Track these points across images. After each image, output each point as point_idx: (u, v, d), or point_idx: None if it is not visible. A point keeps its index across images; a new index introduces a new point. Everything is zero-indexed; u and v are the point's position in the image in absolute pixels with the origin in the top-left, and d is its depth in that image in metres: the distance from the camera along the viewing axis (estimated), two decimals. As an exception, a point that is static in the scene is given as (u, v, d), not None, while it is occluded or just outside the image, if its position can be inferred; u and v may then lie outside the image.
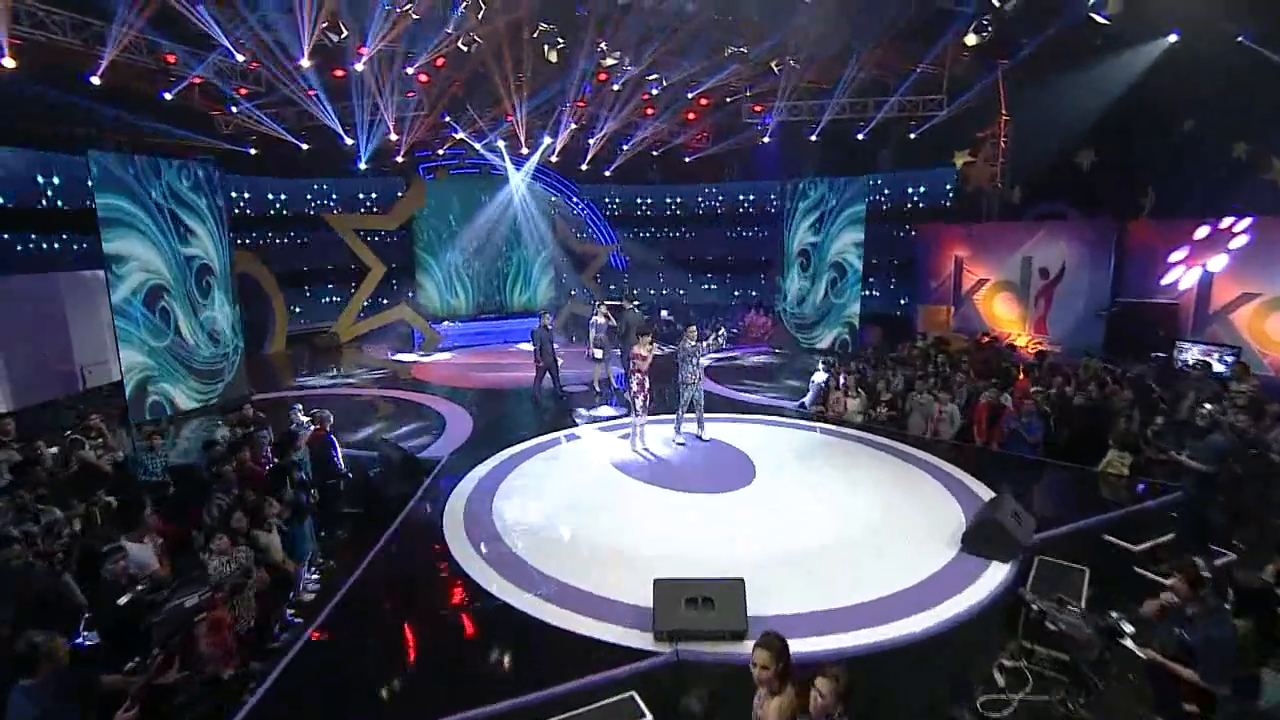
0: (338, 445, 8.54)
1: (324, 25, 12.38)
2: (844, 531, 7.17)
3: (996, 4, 10.50)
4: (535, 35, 12.57)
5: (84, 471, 8.19)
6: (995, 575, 6.21)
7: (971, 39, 12.25)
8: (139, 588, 5.37)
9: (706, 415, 10.24)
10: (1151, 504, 7.67)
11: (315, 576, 7.09)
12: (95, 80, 11.17)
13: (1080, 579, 5.97)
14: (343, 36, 12.62)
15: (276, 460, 7.75)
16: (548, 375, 12.34)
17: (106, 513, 7.06)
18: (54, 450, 8.33)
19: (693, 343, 9.79)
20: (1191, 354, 11.92)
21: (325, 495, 8.27)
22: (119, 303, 10.88)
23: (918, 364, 12.55)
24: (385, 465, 9.38)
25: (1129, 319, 13.51)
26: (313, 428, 8.74)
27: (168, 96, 12.43)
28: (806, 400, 11.98)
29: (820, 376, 12.02)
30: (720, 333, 10.47)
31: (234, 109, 14.02)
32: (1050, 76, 14.39)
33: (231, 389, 12.91)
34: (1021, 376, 10.90)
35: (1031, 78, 14.89)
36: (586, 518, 7.60)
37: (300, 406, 9.48)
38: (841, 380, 11.34)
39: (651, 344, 9.87)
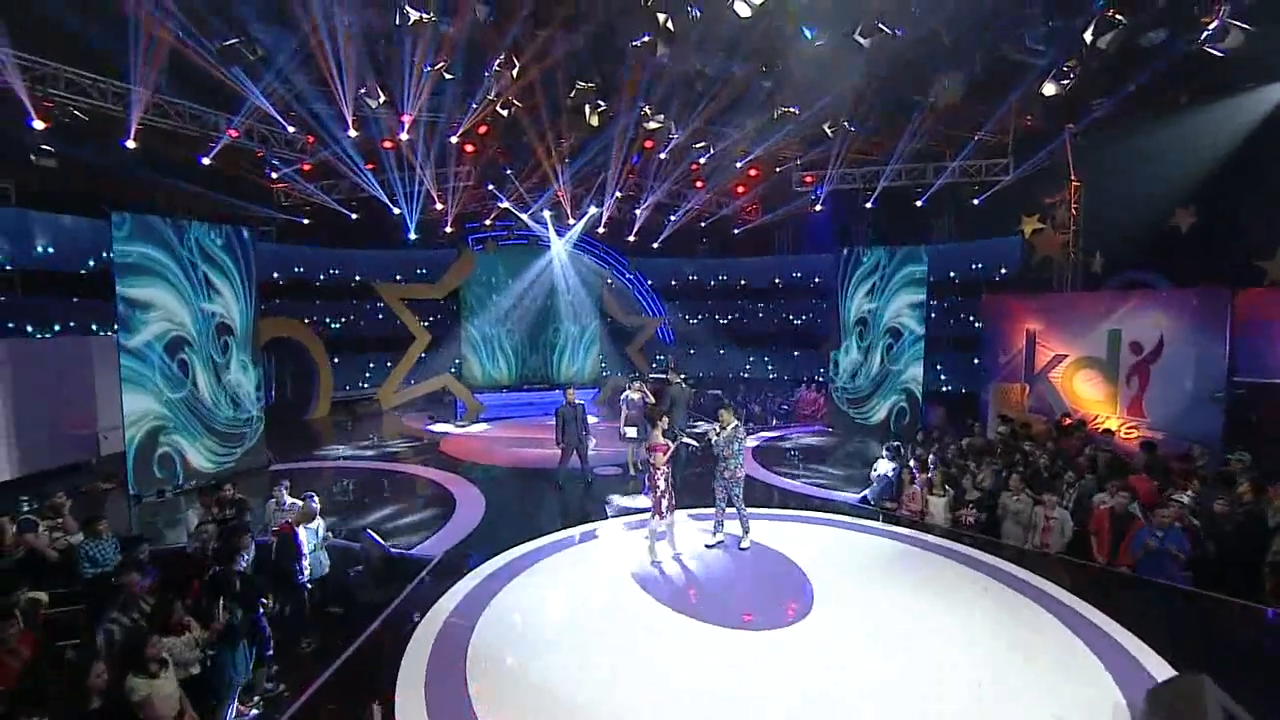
0: (305, 546, 6.47)
1: (361, 90, 11.21)
2: (940, 708, 4.61)
3: (1090, 39, 8.32)
4: (573, 95, 11.02)
5: (29, 558, 6.53)
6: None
7: (1050, 88, 10.05)
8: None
9: (752, 510, 7.83)
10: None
11: (253, 713, 5.00)
12: (130, 144, 10.11)
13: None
14: (381, 101, 11.41)
15: (218, 567, 5.75)
16: (575, 456, 10.19)
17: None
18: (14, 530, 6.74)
19: (729, 429, 7.46)
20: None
21: (291, 598, 6.31)
22: (139, 346, 9.52)
23: (999, 452, 9.84)
24: (366, 563, 7.37)
25: (1256, 403, 10.50)
26: (285, 518, 6.80)
27: (206, 161, 11.33)
28: (870, 494, 9.43)
29: (885, 466, 9.48)
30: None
31: (274, 175, 12.94)
32: (1139, 127, 11.98)
33: (249, 456, 11.24)
34: (1145, 477, 8.09)
35: (1116, 130, 12.49)
36: (587, 663, 5.27)
37: (287, 484, 7.40)
38: (919, 471, 8.80)
39: (669, 430, 7.55)
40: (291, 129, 12.55)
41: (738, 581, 6.80)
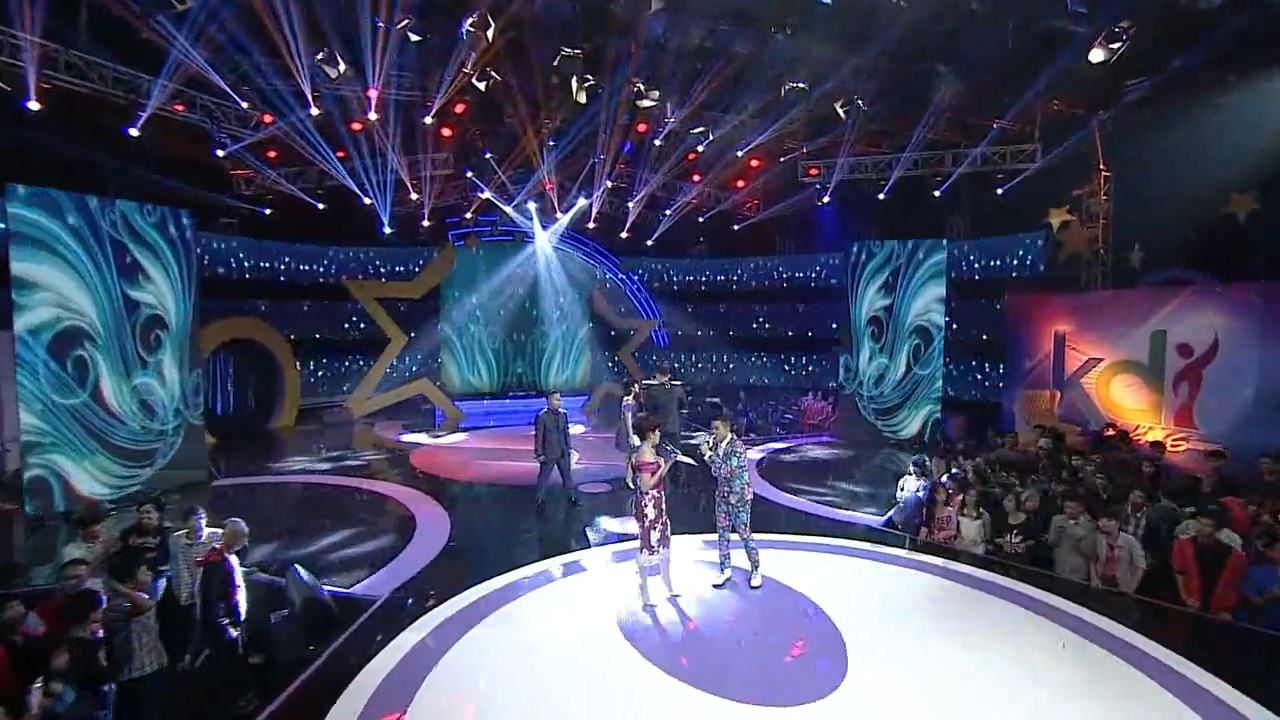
0: (238, 576, 5.10)
1: (318, 57, 9.95)
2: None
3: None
4: (557, 64, 9.78)
5: None
6: None
7: (1098, 54, 8.88)
8: None
9: (759, 537, 6.49)
10: None
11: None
12: (33, 105, 8.75)
13: None
14: (342, 71, 10.15)
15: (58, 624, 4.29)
16: (557, 471, 8.88)
17: None
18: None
19: (724, 443, 6.15)
20: None
21: (215, 646, 4.94)
22: (17, 335, 7.89)
23: (1044, 469, 8.54)
24: (291, 605, 6.03)
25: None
26: (199, 553, 5.44)
27: (134, 131, 9.98)
28: (897, 515, 8.14)
29: (912, 483, 8.20)
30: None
31: (220, 152, 11.61)
32: (1180, 110, 10.82)
33: (176, 473, 9.63)
34: (1237, 499, 6.80)
35: (1153, 114, 11.32)
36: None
37: (203, 512, 5.98)
38: (955, 491, 7.50)
39: (657, 444, 6.12)
40: (245, 104, 11.28)
41: (747, 630, 5.44)
